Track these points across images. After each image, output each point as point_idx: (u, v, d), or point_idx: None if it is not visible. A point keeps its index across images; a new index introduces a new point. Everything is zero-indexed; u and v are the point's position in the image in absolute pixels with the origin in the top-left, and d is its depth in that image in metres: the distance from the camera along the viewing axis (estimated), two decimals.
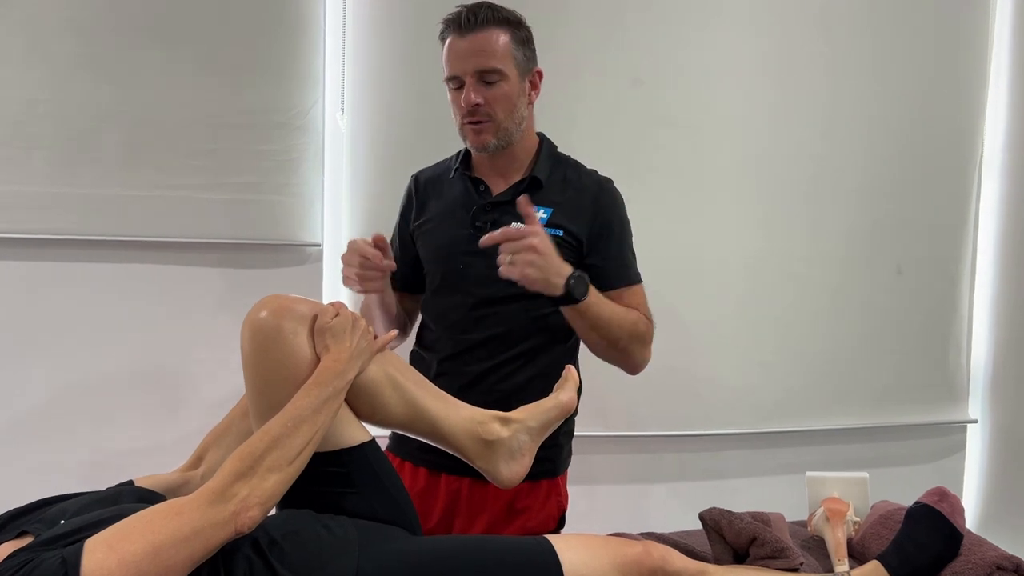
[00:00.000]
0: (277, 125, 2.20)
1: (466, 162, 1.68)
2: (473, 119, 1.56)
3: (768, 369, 2.46)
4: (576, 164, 1.69)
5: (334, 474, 1.25)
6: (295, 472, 1.13)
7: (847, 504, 1.67)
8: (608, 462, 2.42)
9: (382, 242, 1.54)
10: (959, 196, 2.57)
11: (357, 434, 1.28)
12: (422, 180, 1.74)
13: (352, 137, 2.28)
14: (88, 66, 2.09)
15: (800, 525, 1.75)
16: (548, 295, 1.45)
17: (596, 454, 2.34)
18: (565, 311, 1.51)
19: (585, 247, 1.60)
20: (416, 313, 1.75)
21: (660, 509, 2.40)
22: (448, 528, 1.64)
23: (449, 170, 1.70)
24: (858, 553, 1.63)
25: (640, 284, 1.65)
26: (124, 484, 1.29)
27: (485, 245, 1.43)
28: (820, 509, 1.67)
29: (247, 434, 1.24)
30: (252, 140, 2.18)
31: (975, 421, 2.67)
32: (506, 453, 1.33)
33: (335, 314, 1.25)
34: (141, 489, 1.27)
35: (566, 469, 1.72)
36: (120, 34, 2.10)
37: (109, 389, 2.17)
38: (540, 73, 1.63)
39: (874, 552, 1.56)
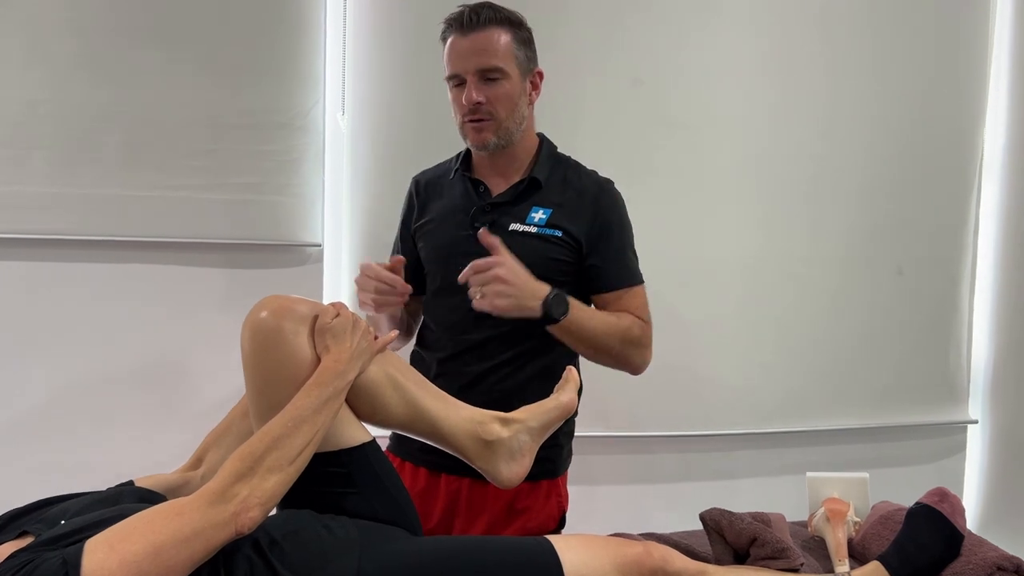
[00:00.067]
0: (278, 125, 2.19)
1: (466, 163, 1.68)
2: (474, 117, 1.56)
3: (769, 369, 2.46)
4: (576, 165, 1.69)
5: (335, 474, 1.25)
6: (296, 472, 1.13)
7: (848, 504, 1.67)
8: (608, 462, 2.42)
9: (400, 264, 1.56)
10: (959, 196, 2.57)
11: (358, 434, 1.28)
12: (422, 183, 1.75)
13: (353, 137, 2.28)
14: (88, 66, 2.08)
15: (801, 525, 1.75)
16: (528, 319, 1.47)
17: (596, 454, 2.34)
18: (551, 329, 1.52)
19: (585, 248, 1.60)
20: (419, 314, 1.76)
21: (660, 509, 2.39)
22: (448, 528, 1.64)
23: (449, 171, 1.70)
24: (858, 553, 1.63)
25: (641, 285, 1.65)
26: (125, 484, 1.30)
27: (461, 282, 1.47)
28: (821, 509, 1.67)
29: (247, 434, 1.24)
30: (253, 140, 2.18)
31: (975, 422, 2.67)
32: (506, 454, 1.33)
33: (335, 314, 1.25)
34: (142, 489, 1.27)
35: (566, 469, 1.72)
36: (120, 34, 2.10)
37: (109, 389, 2.17)
38: (541, 74, 1.64)
39: (875, 552, 1.56)
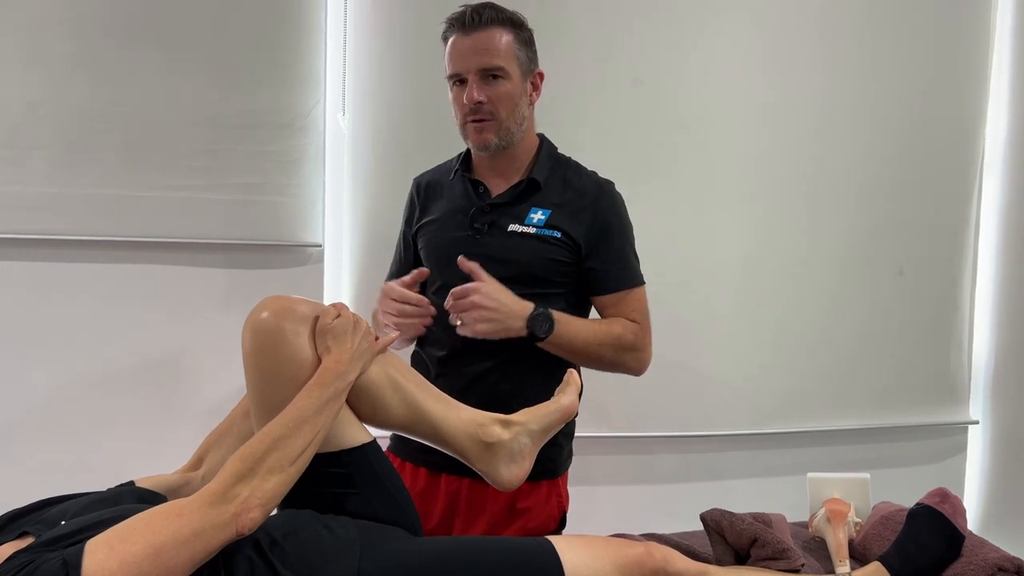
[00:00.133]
0: (278, 126, 2.19)
1: (466, 164, 1.69)
2: (475, 117, 1.56)
3: (769, 370, 2.46)
4: (576, 166, 1.69)
5: (335, 475, 1.25)
6: (296, 473, 1.13)
7: (848, 505, 1.67)
8: (608, 463, 2.42)
9: (423, 278, 1.60)
10: (960, 196, 2.57)
11: (358, 435, 1.28)
12: (423, 184, 1.75)
13: (353, 138, 2.28)
14: (88, 67, 2.08)
15: (801, 526, 1.75)
16: (514, 338, 1.49)
17: (596, 455, 2.34)
18: (540, 344, 1.52)
19: (583, 249, 1.60)
20: None
21: (661, 510, 2.38)
22: (448, 529, 1.64)
23: (449, 172, 1.71)
24: (859, 554, 1.63)
25: (642, 287, 1.65)
26: (125, 485, 1.30)
27: (446, 308, 1.50)
28: (821, 510, 1.67)
29: (248, 435, 1.24)
30: (253, 140, 2.18)
31: (976, 422, 2.67)
32: (506, 456, 1.33)
33: (336, 315, 1.25)
34: (142, 490, 1.27)
35: (566, 470, 1.72)
36: (120, 35, 2.09)
37: (109, 389, 2.16)
38: (541, 75, 1.64)
39: (875, 553, 1.56)
